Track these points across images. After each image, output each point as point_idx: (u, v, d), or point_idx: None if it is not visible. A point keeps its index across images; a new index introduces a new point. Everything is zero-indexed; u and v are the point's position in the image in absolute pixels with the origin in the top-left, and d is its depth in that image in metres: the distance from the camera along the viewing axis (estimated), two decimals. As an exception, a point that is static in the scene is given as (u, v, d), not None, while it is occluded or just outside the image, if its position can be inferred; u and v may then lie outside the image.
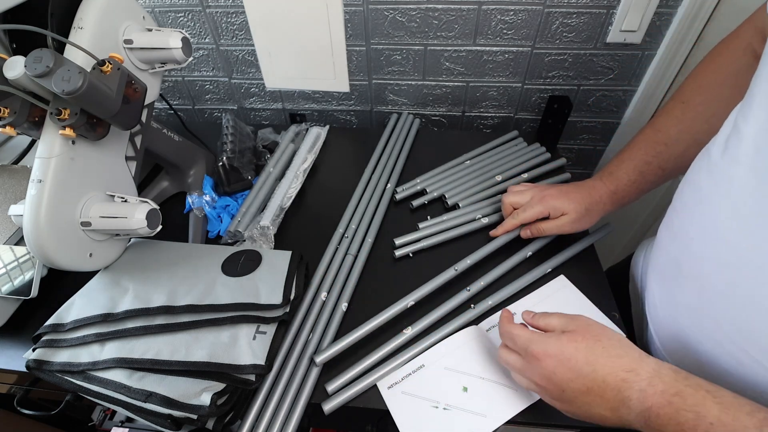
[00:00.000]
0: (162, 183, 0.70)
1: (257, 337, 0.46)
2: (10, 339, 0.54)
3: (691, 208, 0.38)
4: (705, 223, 0.35)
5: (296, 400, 0.46)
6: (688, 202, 0.39)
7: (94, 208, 0.47)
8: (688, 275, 0.38)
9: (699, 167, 0.39)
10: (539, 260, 0.57)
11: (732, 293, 0.33)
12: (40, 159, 0.44)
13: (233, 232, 0.62)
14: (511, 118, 0.86)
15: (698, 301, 0.37)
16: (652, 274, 0.47)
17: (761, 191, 0.30)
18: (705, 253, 0.36)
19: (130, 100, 0.46)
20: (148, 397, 0.41)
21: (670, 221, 0.43)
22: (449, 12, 0.71)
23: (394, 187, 0.70)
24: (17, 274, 0.54)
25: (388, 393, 0.47)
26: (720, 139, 0.36)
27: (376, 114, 0.89)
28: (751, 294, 0.31)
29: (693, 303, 0.38)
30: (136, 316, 0.46)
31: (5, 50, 0.45)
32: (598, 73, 0.77)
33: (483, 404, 0.45)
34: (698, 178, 0.38)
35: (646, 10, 0.66)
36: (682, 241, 0.39)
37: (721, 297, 0.34)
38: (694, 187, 0.38)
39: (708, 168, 0.36)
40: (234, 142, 0.70)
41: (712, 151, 0.36)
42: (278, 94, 0.89)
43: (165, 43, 0.50)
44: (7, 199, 0.60)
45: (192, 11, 0.77)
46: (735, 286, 0.32)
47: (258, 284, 0.50)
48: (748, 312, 0.32)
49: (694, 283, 0.37)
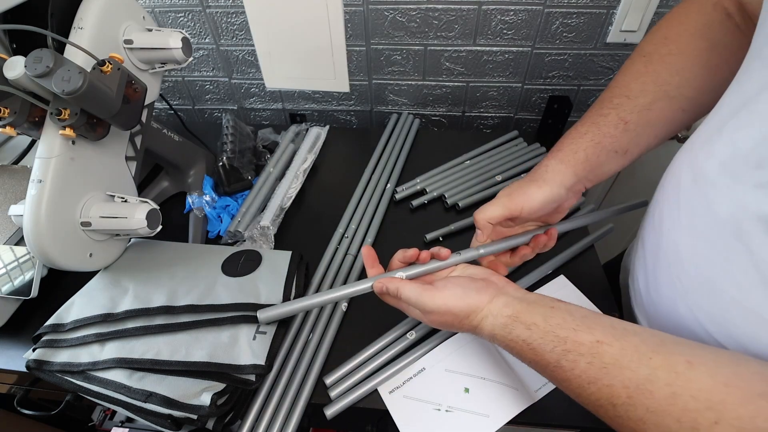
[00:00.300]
0: (162, 183, 0.70)
1: (257, 337, 0.46)
2: (10, 339, 0.54)
3: (670, 201, 0.38)
4: (682, 217, 0.36)
5: (296, 400, 0.46)
6: (668, 195, 0.39)
7: (94, 208, 0.47)
8: (664, 264, 0.39)
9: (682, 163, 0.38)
10: (540, 261, 0.57)
11: (705, 283, 0.34)
12: (40, 159, 0.44)
13: (233, 232, 0.62)
14: (511, 118, 0.86)
15: (674, 290, 0.37)
16: (637, 262, 0.47)
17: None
18: (680, 244, 0.36)
19: (130, 100, 0.46)
20: (148, 397, 0.41)
21: (651, 211, 0.43)
22: (449, 12, 0.71)
23: (394, 187, 0.70)
24: (17, 274, 0.54)
25: (390, 397, 0.46)
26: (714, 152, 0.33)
27: (376, 114, 0.89)
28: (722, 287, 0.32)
29: (670, 292, 0.38)
30: (136, 316, 0.46)
31: (5, 50, 0.45)
32: (598, 73, 0.77)
33: (485, 404, 0.45)
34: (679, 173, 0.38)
35: (646, 10, 0.66)
36: (660, 231, 0.39)
37: (695, 287, 0.35)
38: (675, 182, 0.38)
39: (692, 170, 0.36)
40: (234, 142, 0.70)
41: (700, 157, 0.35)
42: (278, 94, 0.89)
43: (165, 43, 0.50)
44: (7, 199, 0.60)
45: (192, 11, 0.77)
46: (707, 277, 0.33)
47: (258, 284, 0.50)
48: (719, 302, 0.32)
49: (669, 272, 0.38)
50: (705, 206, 0.33)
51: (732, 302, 0.31)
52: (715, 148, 0.33)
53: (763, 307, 0.29)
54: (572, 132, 0.43)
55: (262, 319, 0.43)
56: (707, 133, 0.35)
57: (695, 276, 0.34)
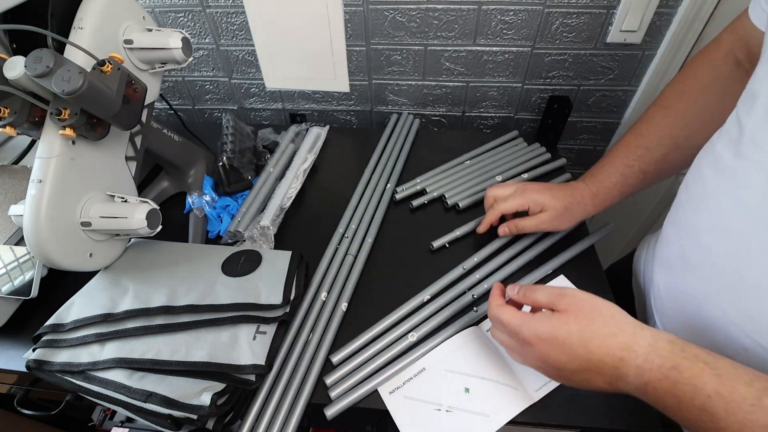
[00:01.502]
0: (162, 183, 0.70)
1: (257, 337, 0.46)
2: (10, 339, 0.54)
3: (697, 202, 0.38)
4: (711, 216, 0.36)
5: (296, 400, 0.46)
6: (693, 195, 0.39)
7: (94, 208, 0.47)
8: (695, 266, 0.39)
9: (702, 163, 0.39)
10: (540, 262, 0.57)
11: (738, 281, 0.33)
12: (40, 159, 0.44)
13: (233, 232, 0.62)
14: (511, 118, 0.86)
15: (705, 291, 0.37)
16: (657, 267, 0.48)
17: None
18: (711, 243, 0.36)
19: (130, 100, 0.46)
20: (148, 397, 0.41)
21: (675, 214, 0.43)
22: (449, 12, 0.71)
23: (394, 187, 0.70)
24: (17, 274, 0.54)
25: (390, 398, 0.46)
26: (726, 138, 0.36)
27: (376, 114, 0.89)
28: (757, 282, 0.32)
29: (699, 293, 0.38)
30: (136, 316, 0.46)
31: (5, 50, 0.45)
32: (598, 73, 0.77)
33: (485, 404, 0.45)
34: (703, 173, 0.38)
35: (646, 10, 0.66)
36: (688, 233, 0.40)
37: (727, 286, 0.35)
38: (699, 182, 0.39)
39: (713, 165, 0.37)
40: (234, 142, 0.70)
41: (717, 148, 0.37)
42: (278, 94, 0.89)
43: (165, 43, 0.50)
44: (7, 199, 0.60)
45: (192, 11, 0.77)
46: (741, 274, 0.33)
47: (258, 284, 0.50)
48: (755, 299, 0.32)
49: (700, 273, 0.38)
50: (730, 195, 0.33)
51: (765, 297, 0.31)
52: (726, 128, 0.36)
53: None
54: (605, 180, 0.51)
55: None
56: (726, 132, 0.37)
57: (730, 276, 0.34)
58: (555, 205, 0.53)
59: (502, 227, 0.57)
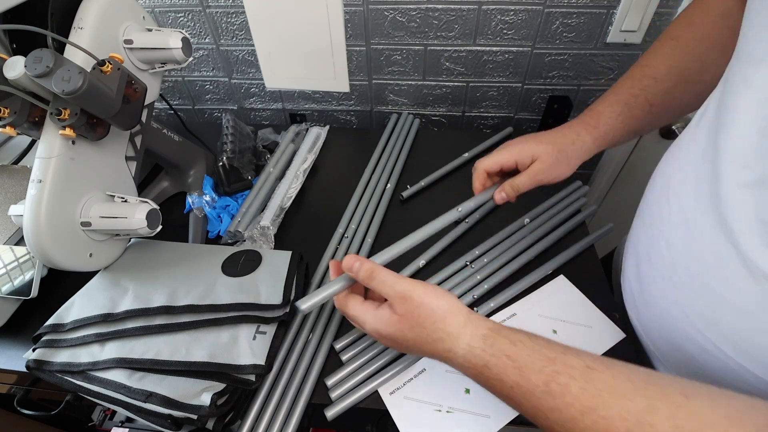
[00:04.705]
0: (162, 183, 0.70)
1: (257, 337, 0.46)
2: (10, 339, 0.54)
3: (660, 200, 0.38)
4: (672, 215, 0.36)
5: (296, 400, 0.46)
6: (658, 193, 0.39)
7: (94, 208, 0.47)
8: (655, 264, 0.39)
9: (668, 160, 0.39)
10: (540, 262, 0.57)
11: (694, 282, 0.34)
12: (40, 159, 0.44)
13: (233, 232, 0.62)
14: (511, 118, 0.86)
15: (665, 289, 0.38)
16: (628, 263, 0.47)
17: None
18: (671, 243, 0.36)
19: (130, 100, 0.46)
20: (148, 397, 0.41)
21: (641, 211, 0.43)
22: (449, 12, 0.71)
23: (394, 186, 0.70)
24: (17, 274, 0.54)
25: (390, 398, 0.46)
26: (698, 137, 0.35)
27: (376, 114, 0.89)
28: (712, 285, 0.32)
29: (661, 291, 0.38)
30: (136, 316, 0.46)
31: (5, 50, 0.45)
32: (599, 73, 0.77)
33: (486, 405, 0.45)
34: (668, 170, 0.38)
35: (646, 11, 0.66)
36: (651, 231, 0.40)
37: (684, 285, 0.35)
38: (665, 180, 0.39)
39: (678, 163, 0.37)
40: (234, 142, 0.70)
41: (682, 146, 0.37)
42: (278, 94, 0.89)
43: (165, 43, 0.50)
44: (7, 199, 0.60)
45: (192, 11, 0.77)
46: (697, 275, 0.33)
47: (258, 284, 0.50)
48: (710, 301, 0.32)
49: (661, 271, 0.38)
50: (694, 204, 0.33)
51: (723, 301, 0.31)
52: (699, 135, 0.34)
53: (754, 306, 0.29)
54: (606, 110, 0.46)
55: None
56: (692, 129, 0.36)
57: (687, 275, 0.34)
58: (546, 150, 0.46)
59: (498, 192, 0.48)
